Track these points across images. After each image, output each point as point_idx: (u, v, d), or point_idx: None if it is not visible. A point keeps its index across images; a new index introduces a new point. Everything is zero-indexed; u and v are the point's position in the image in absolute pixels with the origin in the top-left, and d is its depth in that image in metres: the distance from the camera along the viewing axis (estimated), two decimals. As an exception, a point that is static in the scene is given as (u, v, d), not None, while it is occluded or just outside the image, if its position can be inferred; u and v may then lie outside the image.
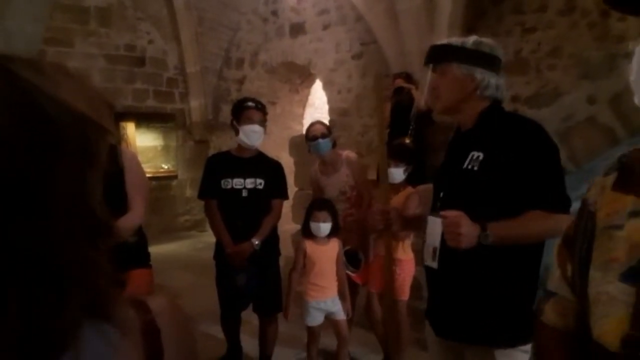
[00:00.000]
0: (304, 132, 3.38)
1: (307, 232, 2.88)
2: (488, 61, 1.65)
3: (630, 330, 0.67)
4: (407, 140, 3.65)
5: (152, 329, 0.55)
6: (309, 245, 2.85)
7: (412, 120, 4.00)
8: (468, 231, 1.47)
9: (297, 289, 2.96)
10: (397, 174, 2.95)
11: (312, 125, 3.34)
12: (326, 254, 2.86)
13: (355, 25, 4.90)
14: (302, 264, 2.89)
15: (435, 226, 1.68)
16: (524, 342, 1.62)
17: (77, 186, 0.48)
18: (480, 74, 1.63)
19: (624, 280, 0.70)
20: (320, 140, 3.15)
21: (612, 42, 3.00)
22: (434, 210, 1.71)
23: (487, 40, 1.68)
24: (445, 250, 1.66)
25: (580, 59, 3.14)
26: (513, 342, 1.62)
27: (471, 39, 1.66)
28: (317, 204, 2.89)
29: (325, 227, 2.80)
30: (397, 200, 2.89)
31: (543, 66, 3.35)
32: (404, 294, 3.10)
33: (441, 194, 1.72)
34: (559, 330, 0.89)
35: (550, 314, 0.90)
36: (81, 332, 0.47)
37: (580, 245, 0.81)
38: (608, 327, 0.70)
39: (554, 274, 0.91)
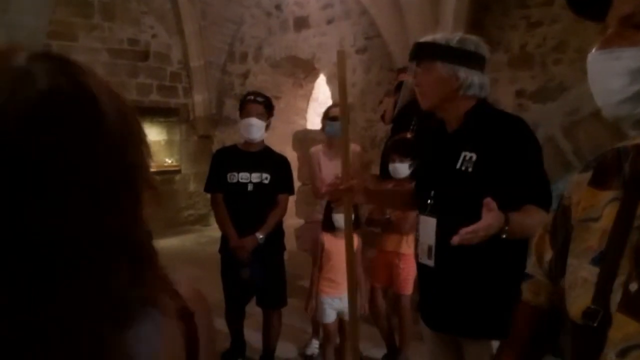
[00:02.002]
0: (323, 113, 3.44)
1: (327, 226, 2.86)
2: (472, 59, 1.66)
3: (591, 304, 0.76)
4: (409, 136, 3.64)
5: (186, 313, 0.60)
6: (327, 239, 2.84)
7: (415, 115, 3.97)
8: (494, 225, 1.43)
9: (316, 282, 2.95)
10: (403, 169, 2.94)
11: (333, 106, 3.40)
12: (343, 249, 2.85)
13: (359, 19, 4.88)
14: (321, 259, 2.88)
15: (428, 225, 1.72)
16: None
17: (147, 172, 0.54)
18: (464, 73, 1.64)
19: (593, 263, 0.79)
20: (339, 122, 3.21)
21: (618, 36, 2.98)
22: (425, 210, 1.75)
23: (472, 38, 1.70)
24: (442, 248, 1.68)
25: (586, 53, 3.11)
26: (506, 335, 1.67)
27: (456, 37, 1.67)
28: None
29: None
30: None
31: (548, 60, 3.33)
32: (408, 288, 3.11)
33: (432, 193, 1.73)
34: (532, 306, 1.04)
35: (526, 292, 1.06)
36: (137, 315, 0.52)
37: (559, 236, 0.92)
38: (578, 305, 0.80)
39: (530, 260, 1.05)
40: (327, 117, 3.30)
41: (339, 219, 2.78)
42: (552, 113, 3.25)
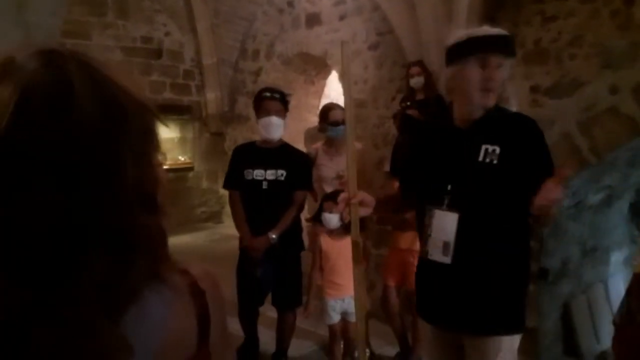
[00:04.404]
0: (319, 113, 3.40)
1: (315, 221, 2.85)
2: None
3: None
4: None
5: (198, 291, 0.63)
6: (325, 242, 2.82)
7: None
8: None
9: (318, 284, 2.95)
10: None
11: (331, 108, 3.33)
12: (341, 249, 2.83)
13: (371, 15, 4.85)
14: (320, 261, 2.87)
15: (446, 220, 1.69)
16: (522, 329, 1.74)
17: (142, 161, 0.55)
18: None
19: None
20: (342, 126, 3.18)
21: (635, 30, 2.92)
22: (440, 204, 1.72)
23: None
24: (463, 245, 1.67)
25: (602, 48, 3.07)
26: (518, 329, 1.73)
27: (495, 29, 1.69)
28: (331, 195, 2.85)
29: (333, 218, 2.75)
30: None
31: (564, 56, 3.28)
32: (421, 286, 3.09)
33: (449, 187, 1.71)
34: None
35: None
36: (144, 291, 0.54)
37: None
38: None
39: None
40: (327, 120, 3.25)
41: (329, 219, 2.73)
42: (568, 109, 3.20)
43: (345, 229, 2.79)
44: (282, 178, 2.91)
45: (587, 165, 3.11)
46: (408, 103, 3.45)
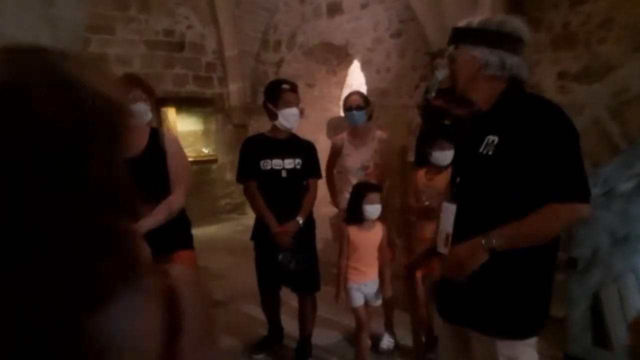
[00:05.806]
0: (342, 102, 3.40)
1: (352, 218, 2.83)
2: (492, 39, 1.60)
3: None
4: (447, 122, 3.56)
5: (173, 295, 0.60)
6: (352, 232, 2.83)
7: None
8: (473, 261, 1.54)
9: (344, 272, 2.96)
10: (443, 157, 2.88)
11: (350, 95, 3.34)
12: (369, 240, 2.83)
13: (393, 3, 4.79)
14: (347, 251, 2.87)
15: (448, 212, 1.68)
16: (526, 336, 1.60)
17: (108, 163, 0.54)
18: (479, 53, 1.61)
19: None
20: (354, 112, 3.17)
21: (670, 11, 2.82)
22: (450, 197, 1.72)
23: (497, 18, 1.64)
24: (459, 237, 1.63)
25: (633, 30, 2.97)
26: (514, 335, 1.60)
27: (477, 19, 1.65)
28: (368, 186, 2.84)
29: (377, 209, 2.77)
30: (441, 179, 2.83)
31: (593, 39, 3.18)
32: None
33: (457, 180, 1.70)
34: None
35: None
36: (115, 293, 0.54)
37: None
38: None
39: None
40: (345, 107, 3.26)
41: (370, 209, 2.74)
42: (598, 94, 3.11)
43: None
44: (299, 167, 2.97)
45: (618, 151, 3.03)
46: (433, 94, 3.39)
